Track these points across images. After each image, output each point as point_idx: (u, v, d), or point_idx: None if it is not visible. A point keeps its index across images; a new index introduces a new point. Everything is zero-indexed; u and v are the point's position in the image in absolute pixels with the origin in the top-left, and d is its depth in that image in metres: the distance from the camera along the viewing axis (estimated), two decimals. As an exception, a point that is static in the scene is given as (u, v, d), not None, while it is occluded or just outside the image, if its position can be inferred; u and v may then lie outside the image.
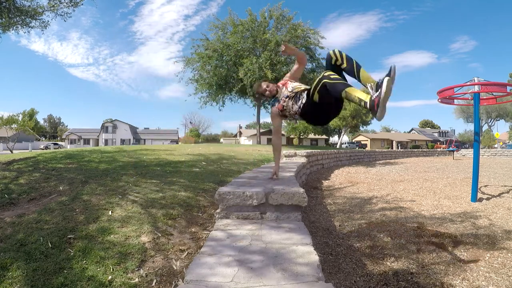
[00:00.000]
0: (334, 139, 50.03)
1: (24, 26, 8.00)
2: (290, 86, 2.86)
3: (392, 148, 50.12)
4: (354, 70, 2.22)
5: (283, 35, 15.07)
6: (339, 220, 3.52)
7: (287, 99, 2.78)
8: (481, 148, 25.25)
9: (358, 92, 1.99)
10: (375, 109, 1.83)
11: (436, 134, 67.90)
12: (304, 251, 1.67)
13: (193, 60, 16.36)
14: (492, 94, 5.20)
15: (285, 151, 8.37)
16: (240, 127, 58.60)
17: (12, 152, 17.70)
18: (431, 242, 2.70)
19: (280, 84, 2.99)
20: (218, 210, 2.48)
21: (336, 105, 2.51)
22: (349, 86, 2.06)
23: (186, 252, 2.25)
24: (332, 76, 2.16)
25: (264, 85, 3.03)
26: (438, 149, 26.71)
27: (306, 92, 2.63)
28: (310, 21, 16.05)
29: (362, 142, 51.28)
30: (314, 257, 1.59)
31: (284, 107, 2.82)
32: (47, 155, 6.12)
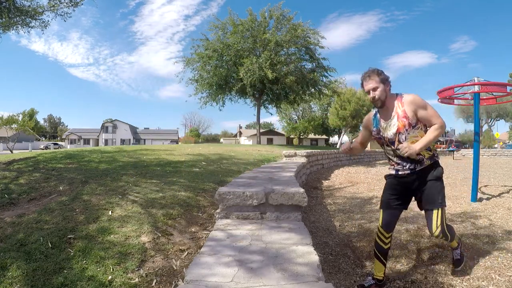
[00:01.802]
0: (334, 139, 50.02)
1: (24, 26, 8.01)
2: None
3: (392, 148, 50.04)
4: None
5: (283, 35, 15.07)
6: (339, 220, 3.52)
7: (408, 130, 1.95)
8: (481, 148, 25.23)
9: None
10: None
11: (436, 134, 67.69)
12: (304, 251, 1.67)
13: (193, 60, 16.36)
14: (492, 94, 5.19)
15: (285, 151, 8.37)
16: (240, 127, 58.62)
17: (12, 152, 17.71)
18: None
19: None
20: (218, 210, 2.48)
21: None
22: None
23: (186, 252, 2.24)
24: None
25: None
26: (438, 149, 26.71)
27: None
28: (310, 21, 16.03)
29: (362, 142, 51.19)
30: (314, 257, 1.59)
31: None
32: (47, 155, 6.12)
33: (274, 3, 15.62)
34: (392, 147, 2.02)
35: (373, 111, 2.16)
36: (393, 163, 2.08)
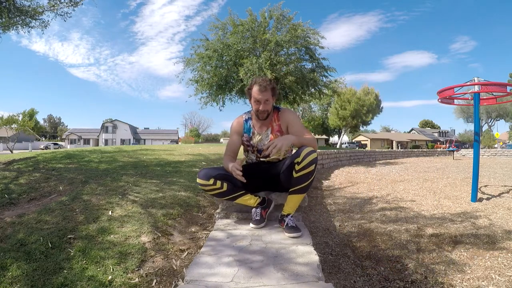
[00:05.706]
0: (334, 139, 50.05)
1: (24, 26, 7.99)
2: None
3: (392, 148, 50.13)
4: None
5: (283, 35, 15.06)
6: (339, 220, 3.52)
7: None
8: (481, 148, 25.24)
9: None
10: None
11: (436, 134, 67.97)
12: (304, 251, 1.67)
13: (193, 61, 16.34)
14: (492, 94, 5.19)
15: (285, 151, 8.35)
16: (240, 127, 58.55)
17: (12, 152, 17.71)
18: (431, 242, 2.70)
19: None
20: (218, 210, 2.47)
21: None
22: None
23: (186, 252, 2.25)
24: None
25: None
26: (438, 149, 26.69)
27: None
28: (310, 21, 15.96)
29: (362, 142, 51.31)
30: (314, 257, 1.59)
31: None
32: (47, 155, 6.12)
33: (274, 3, 15.60)
34: (258, 155, 2.15)
35: (244, 116, 2.22)
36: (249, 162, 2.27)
